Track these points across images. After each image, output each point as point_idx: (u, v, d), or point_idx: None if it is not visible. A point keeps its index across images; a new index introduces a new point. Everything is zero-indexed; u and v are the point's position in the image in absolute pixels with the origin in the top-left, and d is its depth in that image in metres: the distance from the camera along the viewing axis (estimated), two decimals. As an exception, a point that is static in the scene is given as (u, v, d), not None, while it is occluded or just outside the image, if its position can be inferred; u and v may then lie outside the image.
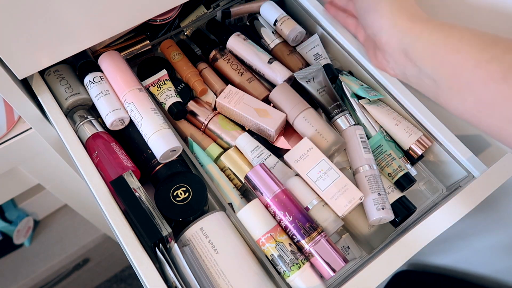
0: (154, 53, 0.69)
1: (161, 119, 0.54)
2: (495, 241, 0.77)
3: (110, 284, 1.37)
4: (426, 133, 0.58)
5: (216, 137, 0.60)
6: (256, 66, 0.64)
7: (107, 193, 0.48)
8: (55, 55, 0.51)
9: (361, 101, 0.61)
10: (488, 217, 0.74)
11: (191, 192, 0.51)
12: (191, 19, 0.69)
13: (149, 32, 0.66)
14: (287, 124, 0.59)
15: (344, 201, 0.50)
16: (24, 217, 1.23)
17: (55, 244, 1.30)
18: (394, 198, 0.55)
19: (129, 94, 0.55)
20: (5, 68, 0.49)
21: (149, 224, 0.45)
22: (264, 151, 0.56)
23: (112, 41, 0.63)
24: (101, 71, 0.58)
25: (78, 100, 0.56)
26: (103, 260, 1.38)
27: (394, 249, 0.48)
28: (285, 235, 0.49)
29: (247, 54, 0.64)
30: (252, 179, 0.51)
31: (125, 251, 0.46)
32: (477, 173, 0.54)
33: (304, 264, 0.48)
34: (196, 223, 0.49)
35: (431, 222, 0.49)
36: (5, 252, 1.27)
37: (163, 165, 0.54)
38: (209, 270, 0.47)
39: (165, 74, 0.62)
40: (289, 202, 0.50)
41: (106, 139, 0.54)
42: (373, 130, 0.59)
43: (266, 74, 0.63)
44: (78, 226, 1.32)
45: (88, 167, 0.50)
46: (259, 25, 0.68)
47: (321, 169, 0.52)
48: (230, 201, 0.54)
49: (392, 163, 0.57)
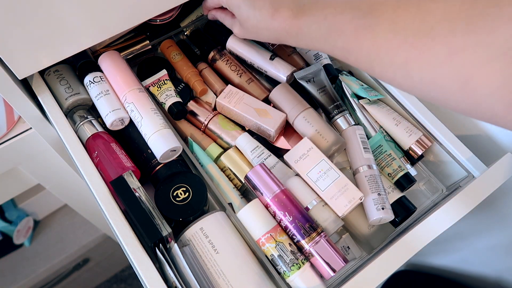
0: (154, 53, 0.68)
1: (161, 119, 0.54)
2: (495, 241, 0.77)
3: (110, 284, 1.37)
4: (426, 133, 0.58)
5: (216, 137, 0.60)
6: (258, 64, 0.63)
7: (107, 193, 0.48)
8: (55, 55, 0.51)
9: (361, 101, 0.61)
10: (488, 217, 0.74)
11: (191, 192, 0.51)
12: (191, 19, 0.69)
13: (149, 32, 0.66)
14: (287, 124, 0.59)
15: (344, 201, 0.50)
16: (24, 217, 1.23)
17: (55, 244, 1.30)
18: (394, 198, 0.55)
19: (129, 94, 0.55)
20: (5, 68, 0.49)
21: (149, 224, 0.45)
22: (264, 151, 0.56)
23: (112, 41, 0.63)
24: (101, 71, 0.58)
25: (78, 100, 0.56)
26: (103, 260, 1.38)
27: (394, 249, 0.48)
28: (285, 235, 0.49)
29: (248, 52, 0.63)
30: (252, 179, 0.51)
31: (125, 251, 0.46)
32: (477, 173, 0.54)
33: (304, 264, 0.48)
34: (196, 223, 0.49)
35: (431, 222, 0.49)
36: (5, 252, 1.27)
37: (163, 165, 0.54)
38: (209, 270, 0.47)
39: (165, 74, 0.62)
40: (289, 202, 0.50)
41: (106, 139, 0.54)
42: (373, 130, 0.59)
43: (268, 71, 0.62)
44: (78, 226, 1.32)
45: (88, 167, 0.50)
46: (259, 25, 0.68)
47: (321, 169, 0.52)
48: (230, 201, 0.54)
49: (392, 163, 0.57)
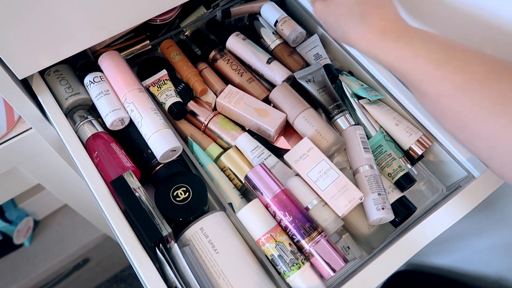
0: (154, 53, 0.69)
1: (161, 119, 0.54)
2: (495, 241, 0.77)
3: (110, 284, 1.37)
4: (426, 133, 0.58)
5: (216, 137, 0.60)
6: (255, 66, 0.63)
7: (107, 193, 0.48)
8: (55, 55, 0.51)
9: (361, 101, 0.61)
10: (488, 217, 0.74)
11: (191, 192, 0.51)
12: (191, 19, 0.69)
13: (149, 32, 0.66)
14: (287, 124, 0.59)
15: (344, 201, 0.50)
16: (24, 217, 1.23)
17: (55, 244, 1.30)
18: (394, 198, 0.55)
19: (129, 94, 0.55)
20: (5, 68, 0.49)
21: (149, 224, 0.45)
22: (264, 151, 0.56)
23: (112, 41, 0.63)
24: (101, 71, 0.58)
25: (78, 100, 0.56)
26: (103, 260, 1.38)
27: (394, 249, 0.48)
28: (285, 235, 0.49)
29: (246, 54, 0.64)
30: (252, 179, 0.51)
31: (125, 251, 0.46)
32: (477, 173, 0.54)
33: (304, 264, 0.48)
34: (196, 223, 0.49)
35: (431, 222, 0.49)
36: (5, 252, 1.27)
37: (163, 165, 0.54)
38: (209, 270, 0.47)
39: (165, 74, 0.62)
40: (289, 202, 0.50)
41: (106, 139, 0.54)
42: (373, 130, 0.59)
43: (265, 74, 0.63)
44: (78, 226, 1.32)
45: (88, 167, 0.50)
46: (259, 25, 0.68)
47: (321, 169, 0.52)
48: (230, 201, 0.54)
49: (392, 163, 0.57)
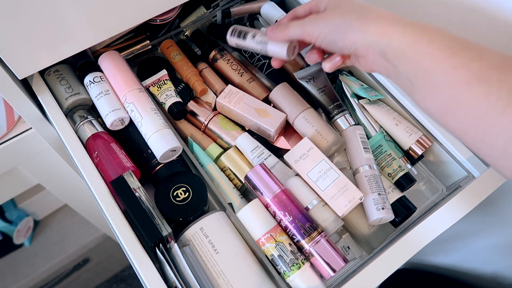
0: (154, 53, 0.68)
1: (161, 119, 0.54)
2: (495, 241, 0.77)
3: (110, 284, 1.37)
4: (426, 133, 0.58)
5: (216, 137, 0.60)
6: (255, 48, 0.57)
7: (107, 193, 0.48)
8: (55, 55, 0.51)
9: (361, 101, 0.61)
10: (488, 217, 0.74)
11: (191, 192, 0.51)
12: (191, 19, 0.69)
13: (149, 32, 0.66)
14: (287, 124, 0.59)
15: (344, 201, 0.50)
16: (24, 217, 1.23)
17: (55, 244, 1.30)
18: (394, 198, 0.55)
19: (129, 94, 0.55)
20: (5, 68, 0.49)
21: (149, 224, 0.45)
22: (264, 151, 0.56)
23: (112, 41, 0.63)
24: (101, 71, 0.58)
25: (78, 100, 0.56)
26: (103, 260, 1.38)
27: (394, 249, 0.48)
28: (285, 235, 0.49)
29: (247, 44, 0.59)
30: (252, 179, 0.51)
31: (125, 251, 0.46)
32: (477, 173, 0.54)
33: (304, 264, 0.48)
34: (196, 223, 0.49)
35: (431, 222, 0.49)
36: (5, 252, 1.27)
37: (163, 165, 0.54)
38: (209, 270, 0.47)
39: (165, 74, 0.62)
40: (289, 202, 0.50)
41: (106, 139, 0.54)
42: (373, 130, 0.59)
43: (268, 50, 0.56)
44: (78, 226, 1.32)
45: (88, 167, 0.50)
46: (259, 25, 0.68)
47: (321, 169, 0.52)
48: (230, 201, 0.54)
49: (392, 163, 0.57)
